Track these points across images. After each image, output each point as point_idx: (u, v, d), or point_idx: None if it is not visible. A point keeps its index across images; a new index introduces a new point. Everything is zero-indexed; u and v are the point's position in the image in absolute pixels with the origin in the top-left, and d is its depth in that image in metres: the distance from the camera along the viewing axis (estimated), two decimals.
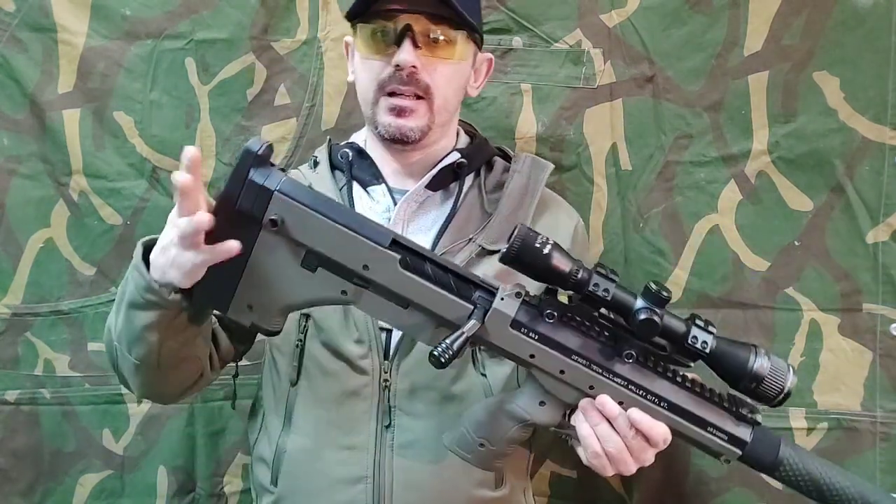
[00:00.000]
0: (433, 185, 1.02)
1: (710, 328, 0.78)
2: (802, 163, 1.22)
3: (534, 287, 0.82)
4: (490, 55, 1.10)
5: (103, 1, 1.29)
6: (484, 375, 0.98)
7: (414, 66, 0.94)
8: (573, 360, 0.80)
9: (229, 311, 0.82)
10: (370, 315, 0.86)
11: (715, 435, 0.80)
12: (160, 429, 1.36)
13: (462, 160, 1.03)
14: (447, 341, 0.75)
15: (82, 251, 1.35)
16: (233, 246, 0.75)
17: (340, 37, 1.29)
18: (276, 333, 0.85)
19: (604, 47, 1.27)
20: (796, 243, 1.23)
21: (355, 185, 1.04)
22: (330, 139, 1.12)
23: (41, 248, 1.34)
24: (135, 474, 1.37)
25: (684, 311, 1.25)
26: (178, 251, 0.76)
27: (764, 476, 1.22)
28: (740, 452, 0.81)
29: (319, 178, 1.06)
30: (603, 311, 0.80)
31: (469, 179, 1.06)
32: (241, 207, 0.77)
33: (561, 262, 0.77)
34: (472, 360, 0.98)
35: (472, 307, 0.79)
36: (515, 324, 0.80)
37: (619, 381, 0.80)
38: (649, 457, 0.81)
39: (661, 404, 0.80)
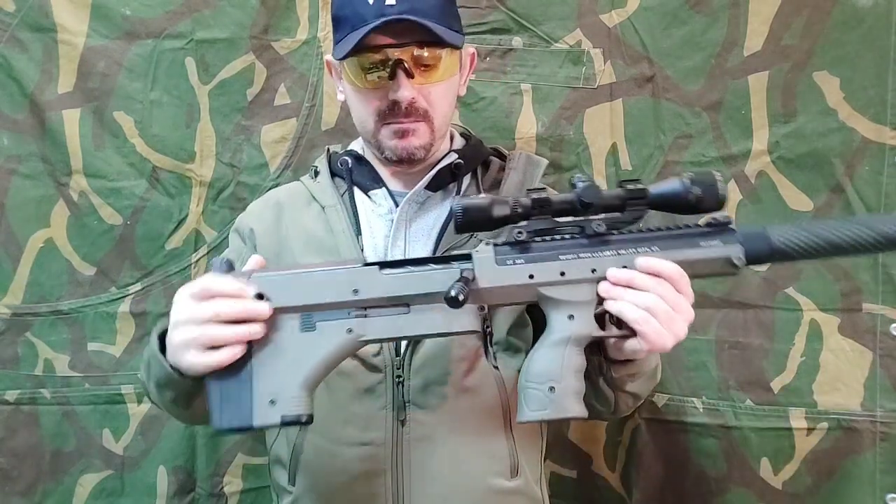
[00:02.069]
0: (432, 186, 1.04)
1: (637, 182, 0.84)
2: (802, 163, 1.22)
3: None
4: (472, 49, 1.09)
5: (103, 1, 1.29)
6: (496, 367, 0.98)
7: (412, 98, 0.96)
8: (563, 258, 0.85)
9: (255, 421, 0.81)
10: (384, 337, 0.87)
11: (710, 247, 0.84)
12: (160, 429, 1.36)
13: (459, 161, 1.05)
14: (455, 283, 0.79)
15: (82, 251, 1.35)
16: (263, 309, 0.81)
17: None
18: (310, 419, 0.83)
19: (604, 47, 1.27)
20: None
21: (356, 190, 1.07)
22: (328, 149, 1.14)
23: (41, 248, 1.34)
24: (135, 474, 1.37)
25: None
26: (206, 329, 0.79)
27: (763, 475, 1.24)
28: (742, 247, 0.83)
29: (321, 187, 1.08)
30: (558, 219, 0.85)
31: (467, 179, 1.08)
32: None
33: (500, 205, 0.83)
34: (484, 353, 0.98)
35: (459, 271, 0.84)
36: (500, 261, 0.85)
37: (609, 252, 0.84)
38: (685, 306, 0.83)
39: (653, 249, 0.84)
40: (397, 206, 1.03)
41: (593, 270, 0.84)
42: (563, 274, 0.84)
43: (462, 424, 0.97)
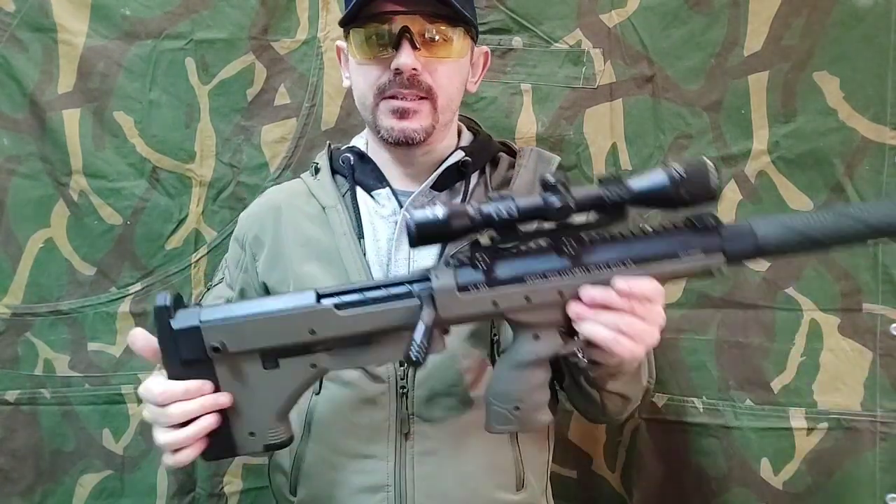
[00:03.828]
0: (438, 186, 1.00)
1: (620, 174, 0.78)
2: (802, 163, 1.22)
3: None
4: (486, 49, 1.08)
5: (103, 1, 1.30)
6: None
7: (415, 69, 0.92)
8: (528, 283, 0.80)
9: (238, 451, 0.84)
10: (347, 369, 0.87)
11: (692, 256, 0.79)
12: None
13: (466, 159, 1.01)
14: (415, 339, 0.76)
15: (82, 251, 1.35)
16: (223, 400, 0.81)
17: (340, 37, 1.30)
18: (290, 441, 0.86)
19: (604, 47, 1.27)
20: None
21: (359, 190, 1.03)
22: (330, 144, 1.11)
23: (41, 248, 1.34)
24: (135, 474, 1.37)
25: (685, 311, 1.26)
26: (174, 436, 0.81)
27: (763, 475, 1.24)
28: (724, 257, 0.78)
29: (321, 186, 1.04)
30: (524, 227, 0.79)
31: (474, 177, 1.04)
32: (185, 359, 0.80)
33: (458, 216, 0.76)
34: (490, 363, 0.95)
35: (418, 301, 0.79)
36: (461, 288, 0.80)
37: (578, 272, 0.79)
38: (658, 316, 0.79)
39: (627, 265, 0.79)
40: (401, 206, 1.00)
41: (561, 294, 0.79)
42: (528, 300, 0.80)
43: (468, 437, 0.93)
